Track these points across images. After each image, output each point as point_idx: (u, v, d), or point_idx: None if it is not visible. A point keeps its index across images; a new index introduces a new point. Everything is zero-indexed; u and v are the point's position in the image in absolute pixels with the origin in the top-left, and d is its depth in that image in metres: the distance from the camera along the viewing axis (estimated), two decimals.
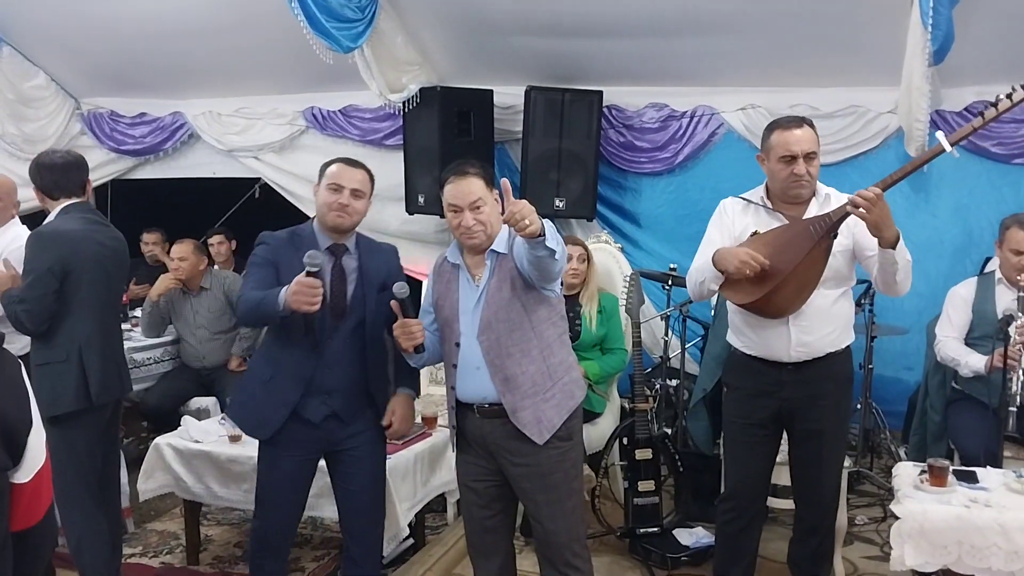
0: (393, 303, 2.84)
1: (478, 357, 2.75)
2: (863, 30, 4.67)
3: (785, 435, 3.25)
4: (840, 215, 2.88)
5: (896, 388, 5.16)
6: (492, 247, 2.78)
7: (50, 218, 3.38)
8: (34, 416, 1.73)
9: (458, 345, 2.79)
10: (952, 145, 2.82)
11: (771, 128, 3.09)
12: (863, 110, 5.14)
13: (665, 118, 5.64)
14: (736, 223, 3.16)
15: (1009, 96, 2.78)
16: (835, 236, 2.93)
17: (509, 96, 5.73)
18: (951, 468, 2.87)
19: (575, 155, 5.49)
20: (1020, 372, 3.38)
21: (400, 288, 2.83)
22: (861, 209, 2.74)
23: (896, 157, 5.12)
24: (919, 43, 4.19)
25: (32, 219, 3.79)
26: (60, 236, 3.27)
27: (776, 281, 2.91)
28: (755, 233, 3.07)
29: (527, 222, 2.37)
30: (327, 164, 3.12)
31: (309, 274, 2.75)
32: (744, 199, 3.20)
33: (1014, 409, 3.38)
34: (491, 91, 5.71)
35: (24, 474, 1.74)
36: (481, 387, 2.76)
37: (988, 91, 4.85)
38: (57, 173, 3.37)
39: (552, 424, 2.72)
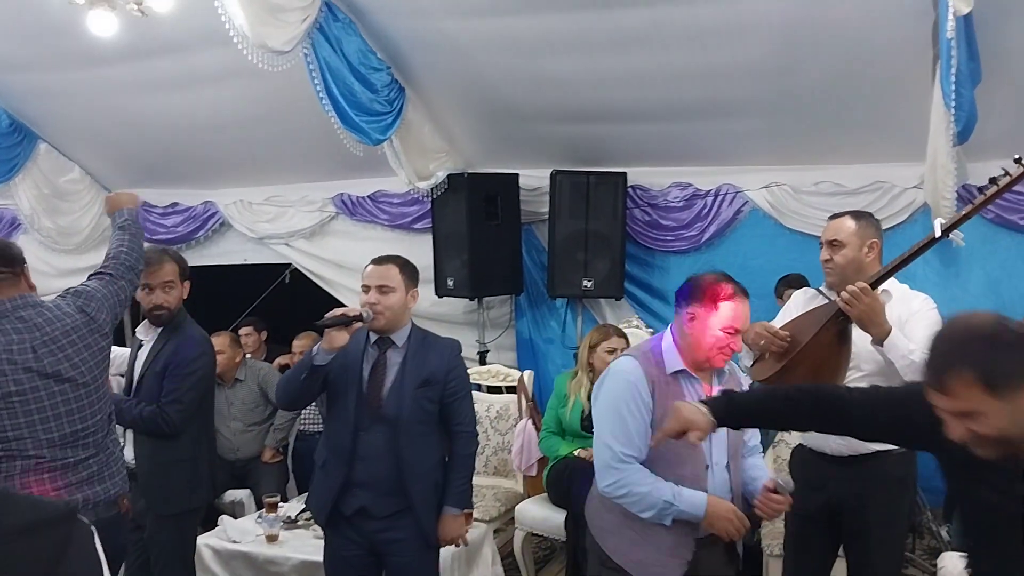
0: None
1: (726, 486, 2.69)
2: (886, 107, 4.71)
3: None
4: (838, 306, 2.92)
5: (932, 463, 5.07)
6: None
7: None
8: None
9: (707, 468, 2.67)
10: (945, 233, 2.85)
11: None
12: (888, 186, 5.15)
13: (690, 197, 5.68)
14: (799, 310, 3.21)
15: (994, 180, 2.82)
16: (850, 320, 2.92)
17: (534, 178, 5.82)
18: None
19: (601, 235, 5.54)
20: None
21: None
22: (846, 301, 2.80)
23: (924, 231, 5.05)
24: (942, 123, 4.20)
25: None
26: (208, 341, 3.51)
27: (787, 360, 2.93)
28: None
29: None
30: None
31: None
32: (816, 288, 3.30)
33: None
34: (517, 175, 5.80)
35: None
36: None
37: (1014, 165, 4.92)
38: None
39: None
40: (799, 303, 3.27)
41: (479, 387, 5.42)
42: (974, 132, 4.25)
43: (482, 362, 5.77)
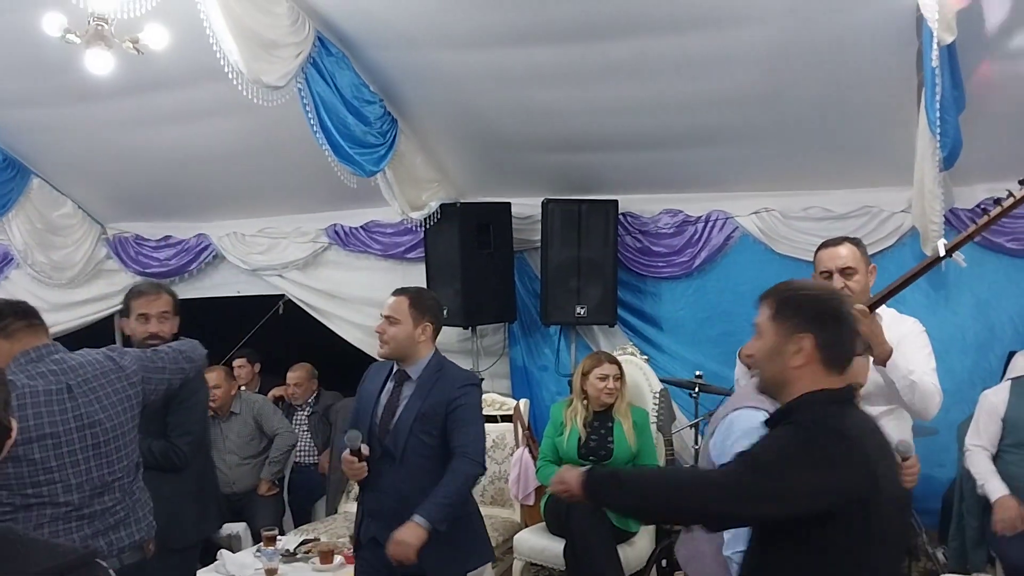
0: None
1: None
2: (873, 133, 4.78)
3: None
4: None
5: (929, 486, 5.08)
6: None
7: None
8: None
9: None
10: (949, 253, 2.90)
11: (818, 248, 3.24)
12: (876, 210, 5.21)
13: (680, 223, 5.73)
14: None
15: (999, 201, 2.88)
16: None
17: (527, 207, 5.86)
18: None
19: (594, 263, 5.58)
20: None
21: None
22: None
23: (912, 255, 5.18)
24: (928, 149, 4.27)
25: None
26: (200, 371, 3.47)
27: None
28: None
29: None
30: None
31: (353, 452, 3.04)
32: None
33: None
34: (509, 203, 5.84)
35: None
36: None
37: (998, 187, 4.87)
38: None
39: None
40: None
41: None
42: (960, 157, 4.33)
43: None
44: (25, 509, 2.51)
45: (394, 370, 3.27)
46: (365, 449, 3.13)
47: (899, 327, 3.18)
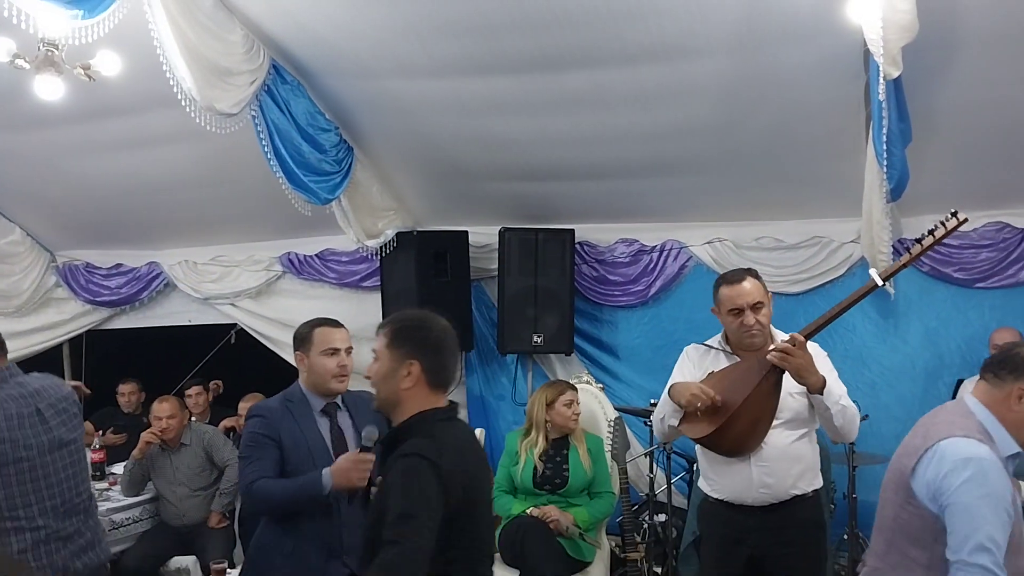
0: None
1: None
2: (822, 165, 4.87)
3: None
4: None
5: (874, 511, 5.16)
6: None
7: None
8: None
9: None
10: (885, 281, 2.96)
11: (718, 284, 3.23)
12: (826, 240, 5.31)
13: (635, 252, 5.79)
14: (697, 367, 3.26)
15: (931, 232, 2.94)
16: (782, 371, 2.99)
17: (484, 235, 5.88)
18: None
19: (550, 291, 5.60)
20: None
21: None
22: (779, 357, 2.88)
23: (862, 284, 5.25)
24: (876, 181, 4.36)
25: None
26: None
27: (727, 414, 2.98)
28: (711, 373, 3.16)
29: None
30: (308, 330, 3.15)
31: (363, 449, 2.79)
32: (706, 345, 3.31)
33: None
34: (466, 232, 5.85)
35: None
36: None
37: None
38: None
39: None
40: (694, 358, 3.30)
41: None
42: (907, 189, 4.42)
43: None
44: (7, 534, 2.50)
45: (315, 406, 3.12)
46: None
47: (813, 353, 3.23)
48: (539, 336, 5.59)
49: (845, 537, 4.72)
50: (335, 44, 4.42)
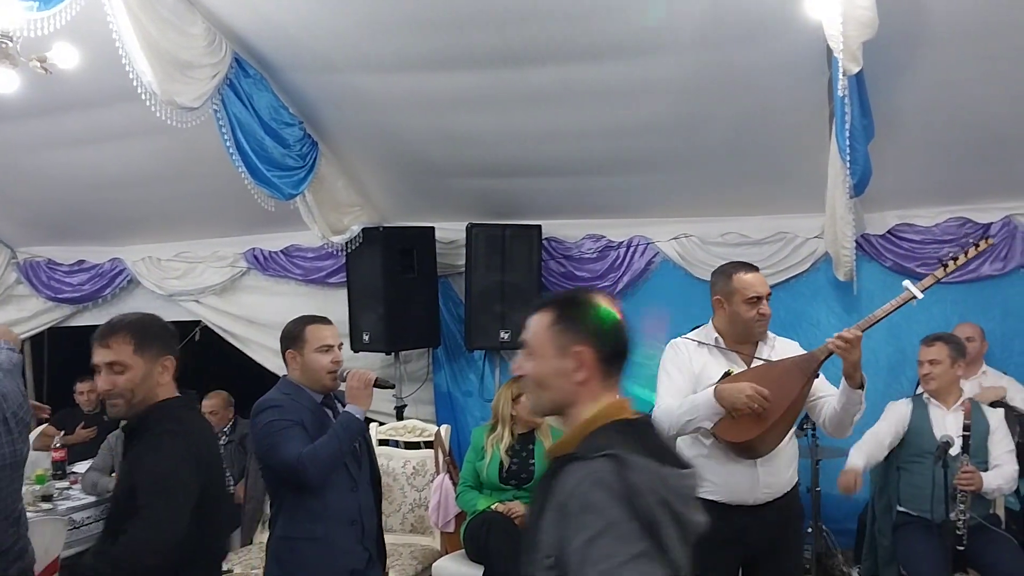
0: None
1: None
2: (786, 162, 4.90)
3: None
4: (825, 353, 2.99)
5: (844, 507, 5.18)
6: None
7: None
8: None
9: None
10: (922, 292, 3.11)
11: (728, 273, 3.22)
12: (791, 236, 5.34)
13: (603, 248, 5.79)
14: (694, 361, 3.21)
15: (976, 245, 3.02)
16: (817, 374, 3.02)
17: (451, 231, 5.86)
18: None
19: (518, 287, 5.58)
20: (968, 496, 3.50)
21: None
22: (845, 347, 2.91)
23: (826, 279, 5.31)
24: (839, 177, 4.39)
25: None
26: None
27: (773, 418, 2.94)
28: (728, 373, 3.12)
29: None
30: (300, 328, 3.13)
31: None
32: (693, 340, 3.27)
33: (963, 532, 3.47)
34: (433, 228, 5.83)
35: None
36: None
37: (909, 214, 5.16)
38: None
39: None
40: (689, 354, 3.22)
41: (396, 443, 5.37)
42: (870, 184, 4.45)
43: (399, 417, 5.72)
44: None
45: (317, 399, 3.14)
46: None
47: (792, 348, 3.26)
48: (506, 332, 5.57)
49: (809, 530, 4.75)
50: (299, 38, 4.38)
